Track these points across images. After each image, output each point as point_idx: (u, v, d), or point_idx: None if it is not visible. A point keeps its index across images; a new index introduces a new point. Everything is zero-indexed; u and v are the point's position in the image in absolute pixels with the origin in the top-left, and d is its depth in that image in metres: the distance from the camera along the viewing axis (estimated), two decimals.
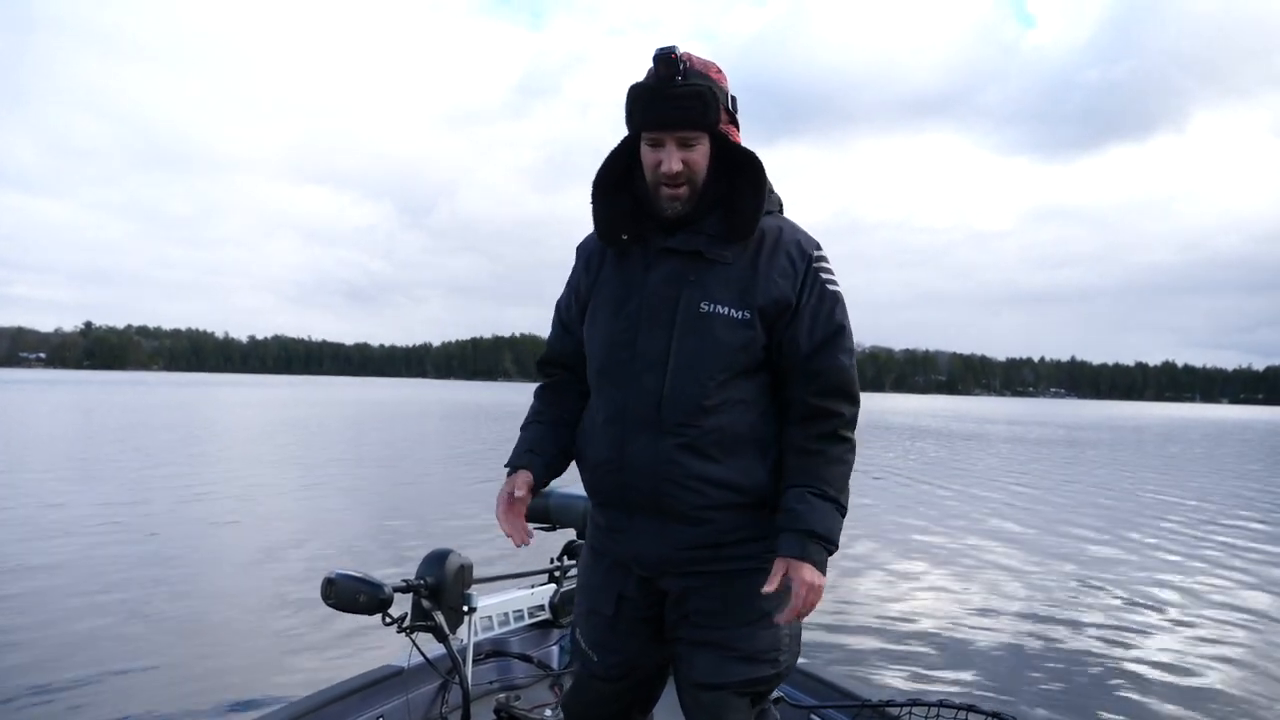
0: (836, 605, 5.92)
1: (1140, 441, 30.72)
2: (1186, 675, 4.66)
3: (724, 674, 1.55)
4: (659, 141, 1.54)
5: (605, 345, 1.62)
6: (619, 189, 1.63)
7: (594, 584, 1.70)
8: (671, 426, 1.53)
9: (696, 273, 1.56)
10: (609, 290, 1.64)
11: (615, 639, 1.67)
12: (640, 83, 1.55)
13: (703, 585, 1.58)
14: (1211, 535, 9.57)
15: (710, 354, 1.53)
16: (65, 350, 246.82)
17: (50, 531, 7.74)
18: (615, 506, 1.63)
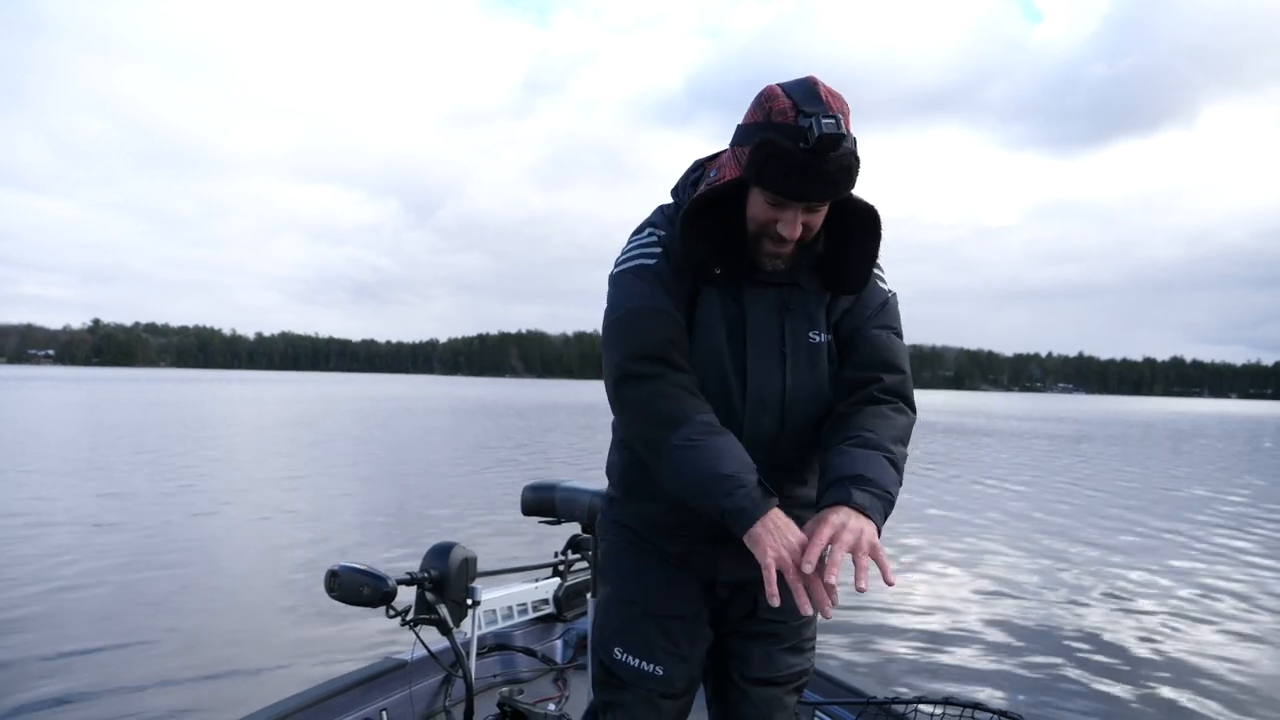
0: (842, 603, 5.88)
1: (1149, 438, 30.58)
2: (1196, 673, 4.63)
3: (777, 667, 1.54)
4: (785, 205, 1.33)
5: (711, 385, 1.42)
6: (712, 218, 1.42)
7: (659, 585, 1.52)
8: (784, 465, 1.46)
9: (796, 302, 1.44)
10: (708, 322, 1.44)
11: (690, 644, 1.51)
12: (781, 144, 1.27)
13: None
14: (1225, 532, 9.52)
15: (823, 388, 1.45)
16: (74, 347, 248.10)
17: (58, 525, 7.78)
18: (698, 540, 1.49)
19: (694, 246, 1.40)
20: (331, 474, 12.37)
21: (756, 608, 1.53)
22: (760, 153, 1.29)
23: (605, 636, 1.55)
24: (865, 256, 1.43)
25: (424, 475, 12.58)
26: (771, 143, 1.28)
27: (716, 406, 1.41)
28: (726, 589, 1.53)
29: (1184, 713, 4.07)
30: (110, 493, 9.87)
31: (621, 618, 1.54)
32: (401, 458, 15.10)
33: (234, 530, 8.04)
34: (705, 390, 1.42)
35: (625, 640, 1.51)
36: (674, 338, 1.40)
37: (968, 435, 26.51)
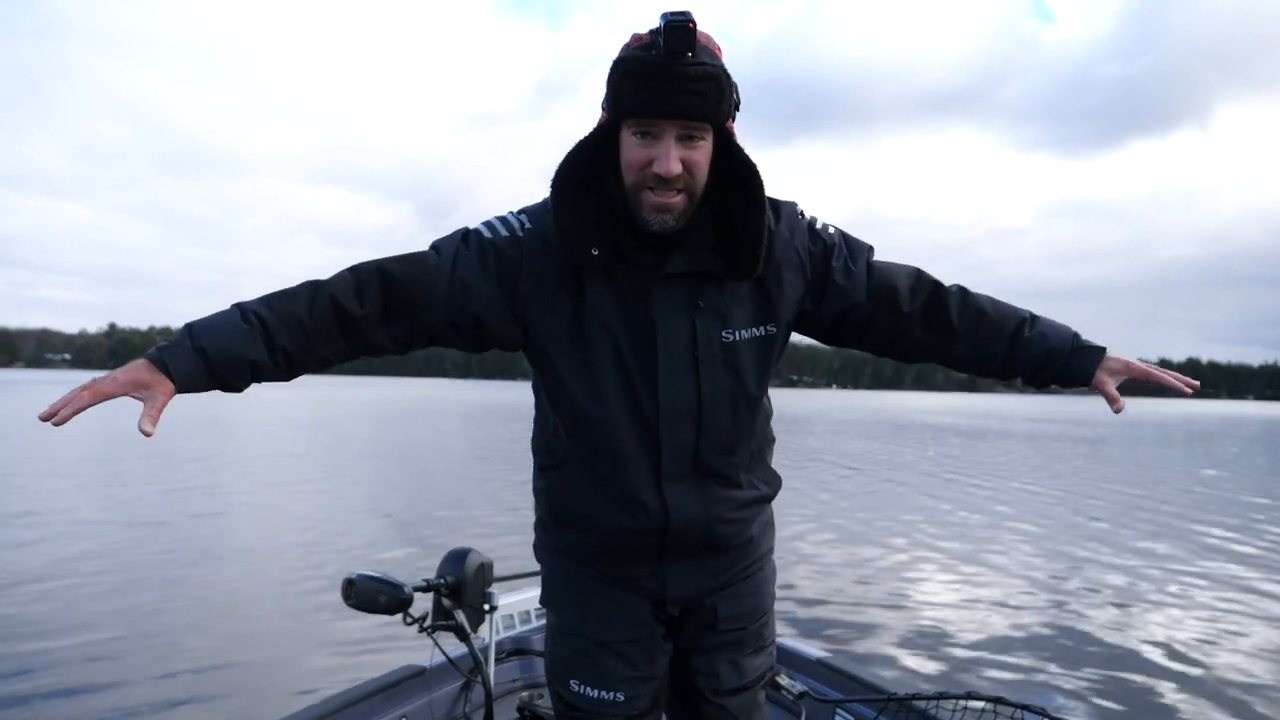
0: (862, 600, 5.87)
1: (1166, 440, 30.34)
2: (1212, 668, 4.58)
3: (745, 673, 1.50)
4: (653, 133, 1.21)
5: (618, 400, 1.32)
6: (585, 189, 1.28)
7: (607, 614, 1.44)
8: (712, 471, 1.39)
9: (706, 296, 1.32)
10: (606, 328, 1.31)
11: (648, 664, 1.45)
12: (634, 54, 1.20)
13: (733, 590, 1.50)
14: (1244, 533, 9.43)
15: (742, 388, 1.37)
16: (90, 351, 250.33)
17: (73, 532, 7.82)
18: (641, 559, 1.42)
19: (565, 220, 1.26)
20: (345, 479, 12.41)
21: (717, 620, 1.47)
22: (614, 76, 1.21)
23: (559, 670, 1.48)
24: (752, 233, 1.29)
25: (439, 479, 12.61)
26: (623, 60, 1.20)
27: (626, 419, 1.33)
28: (678, 605, 1.46)
29: (1207, 706, 4.02)
30: (124, 501, 9.93)
31: (572, 649, 1.46)
32: (416, 462, 15.14)
33: (250, 537, 8.07)
34: (609, 403, 1.32)
35: (580, 672, 1.44)
36: (421, 307, 1.29)
37: (984, 438, 26.36)
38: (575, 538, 1.47)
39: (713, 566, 1.46)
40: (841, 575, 6.77)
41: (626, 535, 1.39)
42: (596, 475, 1.39)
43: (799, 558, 7.26)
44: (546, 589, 1.56)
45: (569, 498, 1.44)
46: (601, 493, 1.39)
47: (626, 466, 1.35)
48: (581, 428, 1.37)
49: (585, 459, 1.40)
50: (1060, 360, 1.46)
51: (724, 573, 1.48)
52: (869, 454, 18.79)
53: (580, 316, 1.32)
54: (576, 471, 1.42)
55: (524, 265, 1.32)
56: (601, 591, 1.46)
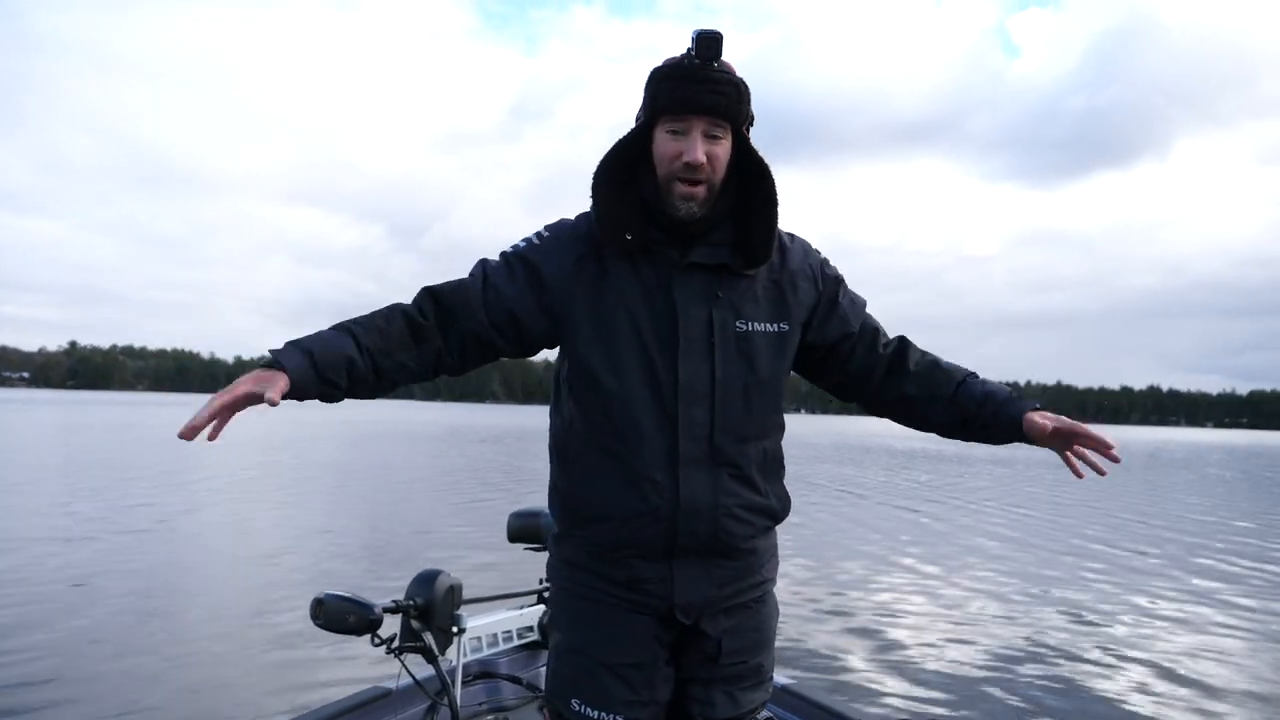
0: (829, 627, 5.92)
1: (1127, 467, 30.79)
2: (1191, 695, 4.67)
3: (742, 705, 1.53)
4: (683, 129, 1.40)
5: (640, 383, 1.42)
6: (624, 184, 1.46)
7: (613, 633, 1.48)
8: (725, 459, 1.46)
9: (724, 289, 1.46)
10: (631, 317, 1.44)
11: (650, 689, 1.47)
12: (670, 62, 1.41)
13: (737, 622, 1.53)
14: (1202, 559, 9.62)
15: (754, 376, 1.47)
16: (49, 370, 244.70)
17: (32, 554, 7.63)
18: (650, 558, 1.46)
19: (604, 208, 1.45)
20: (312, 501, 12.26)
21: (720, 653, 1.50)
22: (652, 82, 1.42)
23: (561, 688, 1.51)
24: (765, 225, 1.47)
25: (407, 500, 12.50)
26: (660, 69, 1.41)
27: (645, 396, 1.43)
28: (689, 615, 1.48)
29: None
30: (85, 519, 9.73)
31: (576, 668, 1.50)
32: (385, 483, 14.99)
33: (216, 560, 7.94)
34: (631, 382, 1.43)
35: (581, 692, 1.47)
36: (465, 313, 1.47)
37: (950, 463, 26.64)
38: (586, 535, 1.51)
39: (719, 573, 1.49)
40: (810, 602, 6.81)
41: (638, 521, 1.44)
42: (612, 458, 1.45)
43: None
44: (555, 610, 1.61)
45: (583, 488, 1.50)
46: (615, 476, 1.45)
47: (643, 444, 1.43)
48: (602, 406, 1.45)
49: (602, 444, 1.47)
50: (997, 400, 1.55)
51: (729, 583, 1.50)
52: (838, 477, 18.92)
53: (603, 299, 1.46)
54: (592, 461, 1.48)
55: (544, 261, 1.48)
56: (609, 612, 1.49)
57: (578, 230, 1.51)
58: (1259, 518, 14.51)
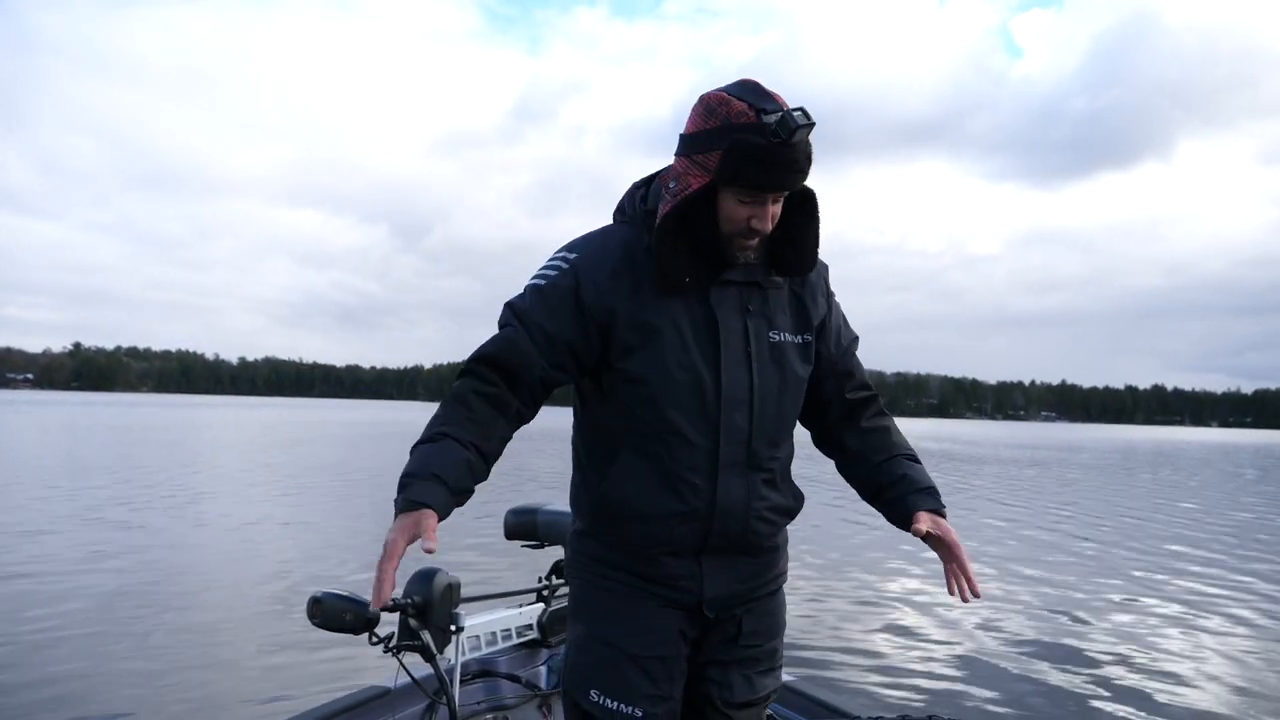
0: (827, 623, 5.91)
1: (1130, 464, 30.81)
2: (1181, 692, 4.66)
3: (758, 688, 1.58)
4: (759, 200, 1.40)
5: (686, 387, 1.46)
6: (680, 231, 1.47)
7: (640, 626, 1.50)
8: (759, 463, 1.52)
9: (755, 301, 1.52)
10: (676, 327, 1.47)
11: (670, 683, 1.51)
12: (754, 141, 1.34)
13: (752, 611, 1.59)
14: (1205, 560, 9.60)
15: (786, 384, 1.53)
16: (53, 371, 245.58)
17: (34, 551, 7.65)
18: (681, 555, 1.50)
19: (670, 258, 1.44)
20: (311, 500, 12.27)
21: (740, 633, 1.56)
22: (734, 154, 1.36)
23: (580, 678, 1.53)
24: (810, 240, 1.51)
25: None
26: (745, 142, 1.35)
27: (687, 404, 1.46)
28: (714, 609, 1.53)
29: None
30: (87, 518, 9.75)
31: (598, 658, 1.51)
32: (383, 483, 14.99)
33: (213, 556, 7.96)
34: (676, 390, 1.46)
35: (602, 682, 1.49)
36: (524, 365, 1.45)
37: (956, 462, 26.63)
38: (618, 533, 1.53)
39: (742, 570, 1.55)
40: (810, 601, 6.80)
41: (674, 520, 1.48)
42: (652, 461, 1.48)
43: None
44: (577, 603, 1.61)
45: (619, 488, 1.51)
46: (655, 478, 1.48)
47: (686, 450, 1.47)
48: (645, 411, 1.47)
49: (641, 446, 1.49)
50: (906, 486, 1.56)
51: (751, 579, 1.57)
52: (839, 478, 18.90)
53: (644, 309, 1.47)
54: (629, 462, 1.50)
55: (580, 283, 1.47)
56: (636, 603, 1.52)
57: (608, 244, 1.51)
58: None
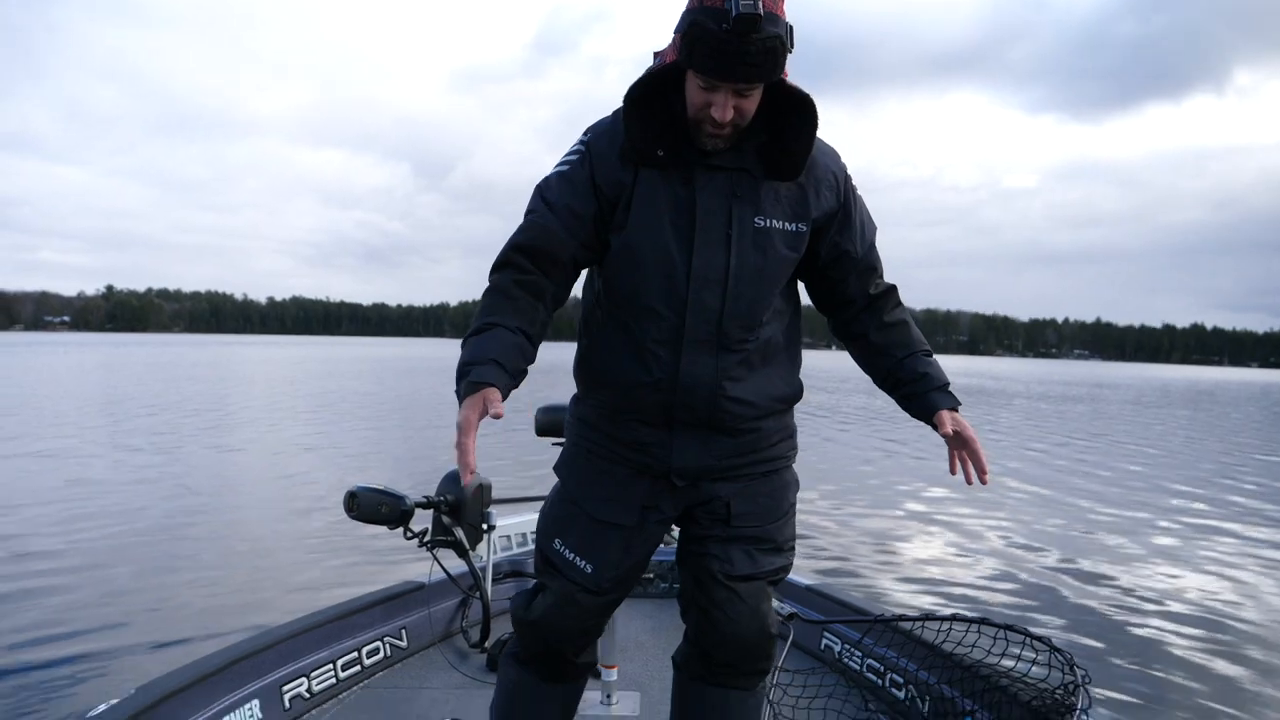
0: (854, 534, 5.98)
1: (1165, 402, 30.40)
2: (1195, 609, 4.68)
3: (761, 564, 1.61)
4: (716, 89, 1.40)
5: (656, 264, 1.50)
6: (654, 102, 1.49)
7: (604, 494, 1.61)
8: (730, 343, 1.53)
9: (744, 188, 1.51)
10: (653, 203, 1.50)
11: (624, 552, 1.60)
12: (707, 25, 1.34)
13: (743, 489, 1.61)
14: (1230, 489, 9.54)
15: (768, 269, 1.53)
16: (88, 314, 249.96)
17: (85, 472, 7.92)
18: (651, 424, 1.57)
19: (635, 128, 1.47)
20: (344, 427, 12.50)
21: (730, 515, 1.60)
22: (689, 35, 1.37)
23: (548, 528, 1.66)
24: (802, 146, 1.50)
25: (435, 425, 12.72)
26: (698, 25, 1.35)
27: (656, 280, 1.50)
28: (683, 478, 1.59)
29: (1177, 635, 4.13)
30: (131, 446, 10.02)
31: (565, 515, 1.64)
32: (412, 414, 15.24)
33: (252, 476, 8.21)
34: (644, 265, 1.51)
35: (565, 535, 1.62)
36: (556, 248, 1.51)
37: (986, 395, 26.50)
38: (598, 399, 1.63)
39: (718, 447, 1.58)
40: (835, 515, 6.87)
41: (641, 390, 1.54)
42: (626, 333, 1.56)
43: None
44: (562, 458, 1.71)
45: (599, 355, 1.61)
46: (627, 349, 1.56)
47: (653, 324, 1.52)
48: (624, 285, 1.55)
49: (619, 319, 1.57)
50: (927, 384, 1.64)
51: (730, 457, 1.59)
52: (868, 407, 18.92)
53: (637, 190, 1.51)
54: (609, 333, 1.60)
55: (597, 165, 1.53)
56: (607, 470, 1.62)
57: (617, 125, 1.54)
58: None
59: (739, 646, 1.60)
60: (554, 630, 1.63)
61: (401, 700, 2.38)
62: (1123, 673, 3.76)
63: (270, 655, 2.21)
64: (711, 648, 1.62)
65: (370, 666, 2.54)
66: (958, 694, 2.07)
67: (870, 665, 2.47)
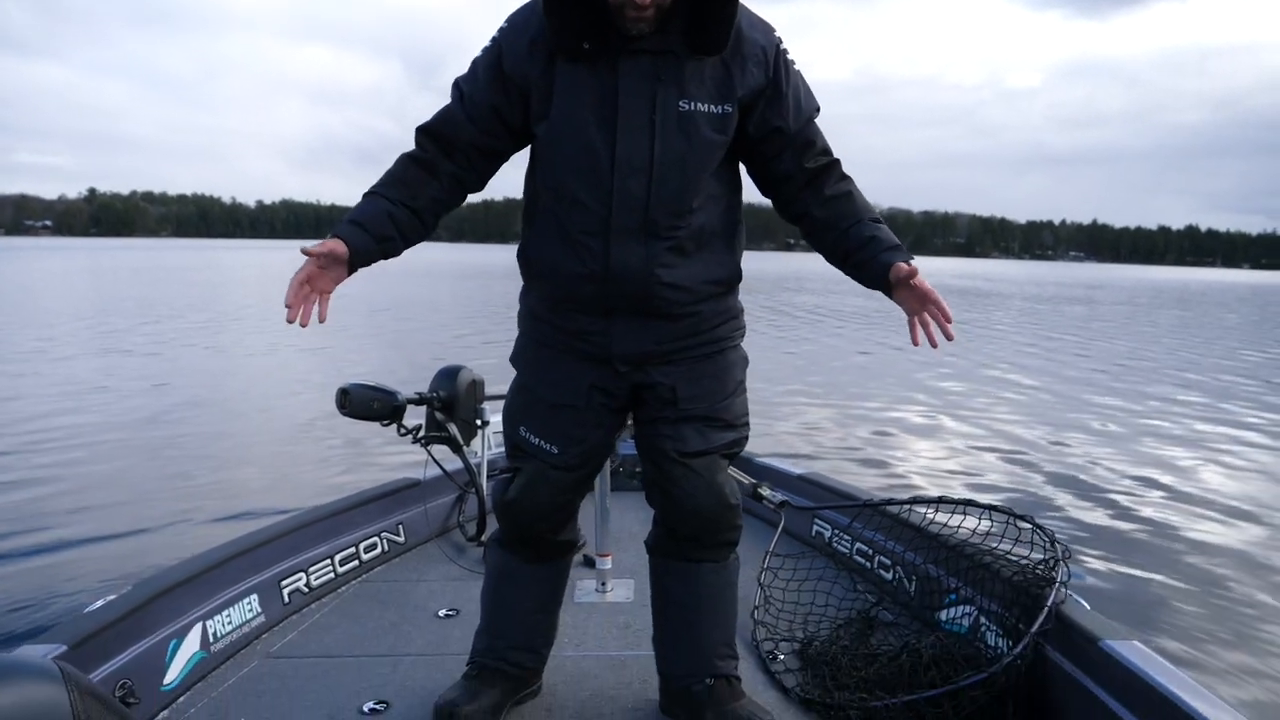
0: (845, 427, 6.06)
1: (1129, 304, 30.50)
2: (1177, 497, 4.79)
3: (712, 440, 1.64)
4: None
5: (578, 154, 1.50)
6: None
7: (554, 378, 1.66)
8: (659, 230, 1.52)
9: (668, 71, 1.48)
10: (575, 92, 1.50)
11: (581, 429, 1.65)
12: None
13: (686, 371, 1.63)
14: (1220, 388, 9.66)
15: (694, 154, 1.51)
16: (70, 218, 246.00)
17: (77, 374, 7.94)
18: (590, 313, 1.59)
19: (556, 23, 1.46)
20: (337, 321, 12.47)
21: (677, 398, 1.62)
22: None
23: (512, 417, 1.73)
24: (721, 19, 1.46)
25: (429, 320, 12.72)
26: None
27: (581, 171, 1.50)
28: (625, 364, 1.61)
29: (1157, 518, 4.27)
30: (122, 347, 10.03)
31: (525, 402, 1.70)
32: (404, 314, 15.21)
33: (245, 376, 8.26)
34: (568, 155, 1.51)
35: (527, 421, 1.68)
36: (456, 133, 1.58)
37: (985, 298, 26.54)
38: (539, 291, 1.67)
39: (657, 332, 1.60)
40: (825, 408, 6.95)
41: (576, 280, 1.56)
42: (557, 224, 1.57)
43: (791, 394, 7.44)
44: (515, 350, 1.76)
45: (535, 248, 1.63)
46: (559, 240, 1.57)
47: (581, 214, 1.53)
48: (552, 178, 1.56)
49: (551, 213, 1.58)
50: (877, 246, 1.58)
51: (670, 341, 1.61)
52: (862, 310, 18.94)
53: (555, 80, 1.51)
54: (544, 224, 1.61)
55: (504, 53, 1.53)
56: (555, 358, 1.66)
57: (533, 16, 1.52)
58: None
59: (700, 519, 1.64)
60: (531, 508, 1.69)
61: (399, 593, 2.43)
62: (1102, 551, 3.91)
63: (268, 551, 2.23)
64: (675, 524, 1.67)
65: (368, 561, 2.58)
66: (943, 573, 2.11)
67: (859, 549, 2.52)
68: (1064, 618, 1.66)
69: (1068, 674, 1.62)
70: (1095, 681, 1.55)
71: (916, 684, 1.72)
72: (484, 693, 1.69)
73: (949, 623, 2.02)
